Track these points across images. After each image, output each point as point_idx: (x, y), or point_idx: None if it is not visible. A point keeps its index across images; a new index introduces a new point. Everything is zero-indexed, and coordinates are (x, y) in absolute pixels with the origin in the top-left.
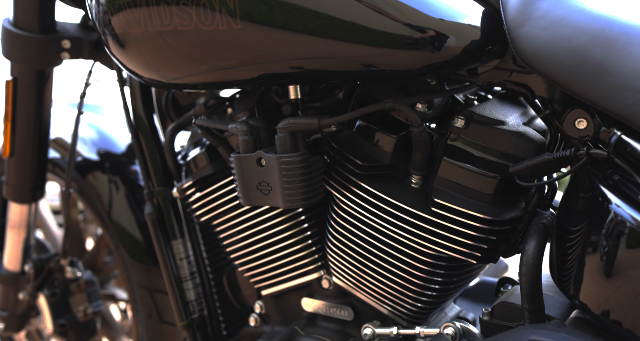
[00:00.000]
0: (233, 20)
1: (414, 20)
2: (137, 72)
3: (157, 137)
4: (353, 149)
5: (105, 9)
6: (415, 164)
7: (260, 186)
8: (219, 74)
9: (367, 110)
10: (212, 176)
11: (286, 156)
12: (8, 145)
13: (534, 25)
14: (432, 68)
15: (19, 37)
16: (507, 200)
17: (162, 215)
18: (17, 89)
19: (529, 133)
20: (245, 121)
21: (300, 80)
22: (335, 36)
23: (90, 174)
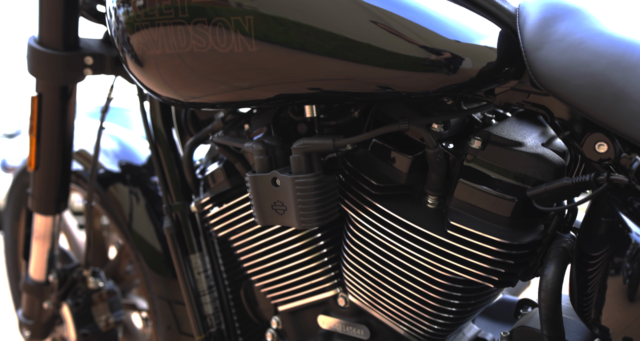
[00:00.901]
0: (248, 42)
1: (430, 42)
2: (155, 91)
3: (176, 151)
4: (368, 168)
5: (124, 27)
6: (431, 184)
7: (275, 206)
8: (236, 93)
9: (382, 131)
10: (229, 191)
11: (301, 177)
12: (33, 159)
13: (551, 48)
14: (448, 90)
15: (44, 55)
16: (525, 223)
17: (181, 229)
18: (42, 104)
19: (548, 155)
20: (260, 140)
21: (316, 100)
22: (350, 58)
23: (111, 186)
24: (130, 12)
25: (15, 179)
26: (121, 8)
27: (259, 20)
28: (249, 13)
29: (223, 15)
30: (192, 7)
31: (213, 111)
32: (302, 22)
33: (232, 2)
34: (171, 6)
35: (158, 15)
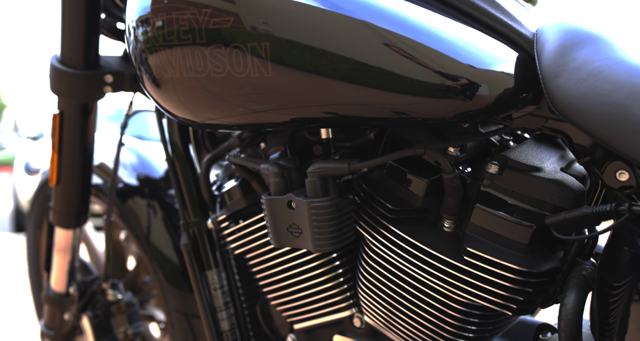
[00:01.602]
0: (264, 67)
1: (445, 68)
2: (171, 111)
3: (193, 167)
4: (384, 191)
5: (142, 47)
6: (448, 208)
7: (291, 229)
8: (252, 116)
9: (398, 155)
10: (245, 209)
11: (316, 201)
12: (55, 174)
13: (570, 76)
14: (464, 116)
15: (66, 74)
16: (544, 250)
17: (198, 245)
18: (64, 122)
19: (567, 181)
20: (276, 162)
21: (332, 124)
22: (366, 83)
23: (130, 199)
24: (149, 33)
25: (37, 190)
26: (140, 28)
27: (275, 46)
28: (265, 39)
29: (240, 41)
30: (209, 33)
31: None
32: (317, 47)
33: (249, 27)
34: (189, 31)
35: (176, 40)
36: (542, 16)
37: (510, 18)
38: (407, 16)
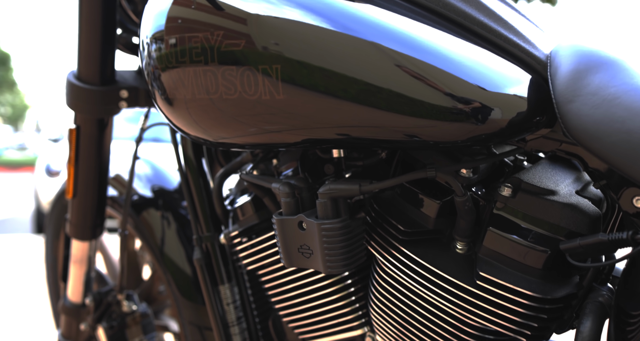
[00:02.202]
0: (275, 90)
1: (456, 90)
2: (184, 129)
3: (206, 182)
4: (395, 212)
5: (155, 64)
6: (460, 231)
7: (302, 249)
8: (265, 136)
9: (408, 178)
10: (258, 225)
11: (327, 223)
12: (71, 187)
13: (584, 101)
14: (477, 140)
15: (82, 90)
16: (558, 275)
17: (210, 260)
18: (80, 136)
19: (583, 205)
20: (287, 182)
21: (343, 146)
22: (377, 105)
23: (145, 211)
24: (162, 51)
25: (55, 199)
26: (153, 45)
27: (286, 68)
28: (276, 61)
29: (251, 63)
30: (221, 54)
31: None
32: (328, 68)
33: (260, 50)
34: (201, 53)
35: (189, 61)
36: (556, 37)
37: (524, 40)
38: (418, 37)
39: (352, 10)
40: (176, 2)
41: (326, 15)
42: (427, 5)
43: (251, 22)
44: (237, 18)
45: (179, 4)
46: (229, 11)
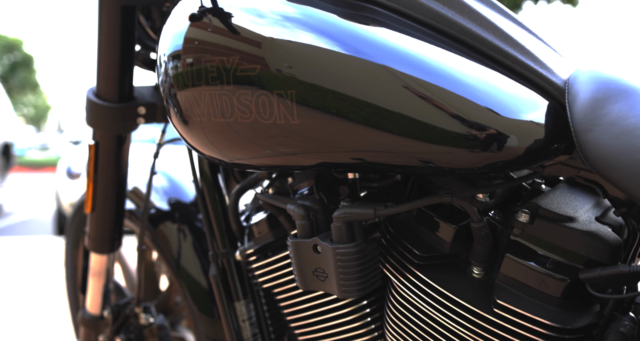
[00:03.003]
0: (290, 114)
1: (471, 117)
2: (198, 149)
3: (222, 197)
4: (411, 235)
5: (172, 83)
6: (477, 256)
7: (317, 272)
8: (280, 159)
9: (424, 203)
10: (273, 243)
11: (342, 247)
12: (90, 201)
13: (603, 131)
14: (493, 167)
15: (101, 108)
16: (578, 303)
17: (226, 276)
18: (99, 152)
19: (602, 233)
20: (302, 203)
21: (358, 169)
22: (391, 129)
23: (161, 224)
24: (179, 72)
25: (75, 210)
26: (170, 63)
27: (301, 94)
28: (291, 86)
29: (266, 88)
30: (236, 79)
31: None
32: (343, 93)
33: (275, 75)
34: (217, 77)
35: (205, 84)
36: (574, 63)
37: (541, 65)
38: (432, 62)
39: (367, 34)
40: (193, 24)
41: (341, 40)
42: (444, 30)
43: (266, 47)
44: (252, 42)
45: (196, 26)
46: (244, 35)
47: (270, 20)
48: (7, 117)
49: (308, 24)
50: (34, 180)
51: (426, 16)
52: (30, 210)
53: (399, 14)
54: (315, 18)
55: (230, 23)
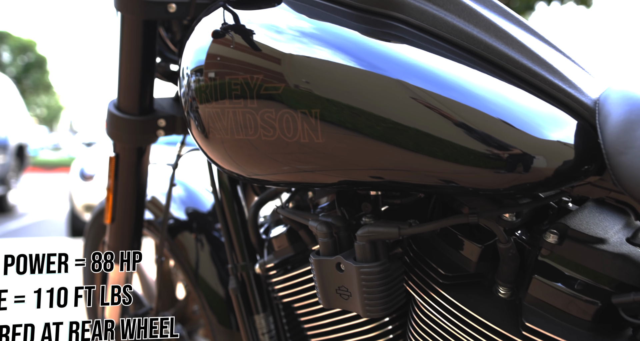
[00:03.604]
0: (314, 133)
1: (497, 136)
2: (218, 163)
3: (241, 209)
4: (435, 254)
5: (194, 97)
6: (503, 276)
7: (340, 291)
8: (301, 176)
9: (449, 223)
10: (293, 257)
11: (366, 266)
12: (110, 213)
13: (637, 154)
14: (520, 189)
15: (121, 120)
16: (609, 327)
17: (246, 289)
18: (119, 164)
19: (635, 256)
20: (325, 220)
21: (381, 188)
22: (415, 149)
23: (179, 234)
24: (202, 88)
25: (93, 218)
26: (193, 78)
27: (325, 113)
28: (315, 105)
29: (290, 107)
30: (260, 98)
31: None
32: (369, 111)
33: (299, 94)
34: (241, 95)
35: (228, 103)
36: (604, 82)
37: (570, 85)
38: (458, 79)
39: (392, 52)
40: (216, 40)
41: (366, 59)
42: (469, 48)
43: (290, 66)
44: (276, 61)
45: (219, 43)
46: (268, 53)
47: (294, 39)
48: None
49: (333, 43)
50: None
51: (450, 33)
52: (43, 211)
53: (423, 32)
54: (340, 37)
55: (253, 41)
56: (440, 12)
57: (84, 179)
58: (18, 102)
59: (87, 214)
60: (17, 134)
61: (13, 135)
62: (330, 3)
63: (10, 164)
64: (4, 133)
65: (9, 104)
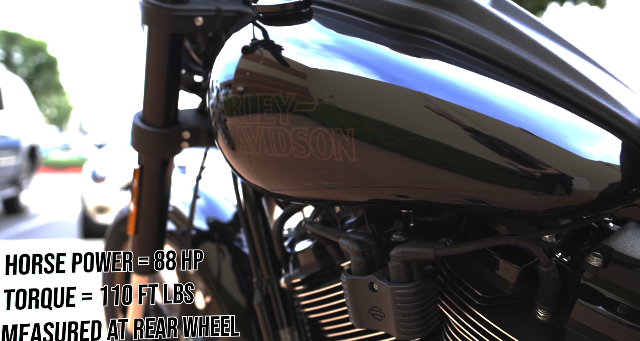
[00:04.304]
0: (348, 152)
1: (537, 156)
2: (244, 176)
3: (266, 221)
4: (470, 274)
5: (223, 108)
6: (543, 299)
7: (373, 311)
8: (329, 193)
9: (487, 244)
10: (320, 272)
11: (401, 288)
12: (133, 224)
13: None
14: (562, 212)
15: (146, 133)
16: None
17: (270, 303)
18: (143, 176)
19: None
20: (357, 239)
21: (413, 208)
22: (452, 168)
23: (201, 244)
24: (232, 104)
25: (114, 226)
26: (223, 90)
27: (360, 132)
28: (350, 124)
29: (324, 126)
30: (293, 116)
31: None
32: (405, 130)
33: (334, 113)
34: (273, 113)
35: (260, 120)
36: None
37: (614, 103)
38: (496, 98)
39: (430, 70)
40: (247, 56)
41: (403, 78)
42: (507, 65)
43: (325, 84)
44: (309, 78)
45: (250, 59)
46: (300, 70)
47: (327, 56)
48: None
49: (367, 61)
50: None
51: (487, 50)
52: (55, 212)
53: (458, 48)
54: (375, 54)
55: (286, 57)
56: (476, 28)
57: (96, 181)
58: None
59: (99, 215)
60: (30, 135)
61: (25, 136)
62: (362, 18)
63: (22, 165)
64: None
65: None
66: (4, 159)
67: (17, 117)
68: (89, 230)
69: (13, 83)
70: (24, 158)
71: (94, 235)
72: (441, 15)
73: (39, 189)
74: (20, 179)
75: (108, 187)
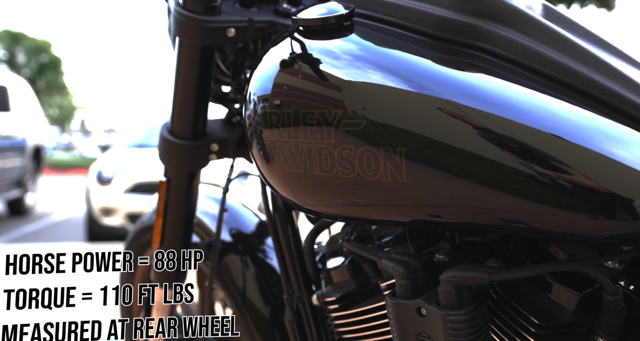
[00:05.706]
0: (398, 173)
1: (598, 176)
2: (276, 188)
3: (297, 234)
4: (524, 300)
5: (259, 120)
6: (606, 328)
7: (421, 336)
8: (372, 212)
9: (547, 269)
10: (354, 290)
11: (453, 314)
12: (159, 237)
13: None
14: (627, 239)
15: (175, 145)
16: None
17: (301, 320)
18: (170, 189)
19: None
20: (402, 260)
21: (459, 229)
22: (505, 189)
23: (225, 256)
24: (272, 120)
25: (133, 236)
26: (261, 104)
27: (411, 152)
28: (401, 144)
29: (372, 145)
30: (339, 134)
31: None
32: (458, 148)
33: (383, 132)
34: (317, 130)
35: (302, 137)
36: None
37: None
38: (555, 115)
39: (483, 86)
40: (287, 71)
41: (455, 96)
42: (565, 81)
43: (373, 102)
44: (356, 96)
45: (291, 73)
46: (346, 87)
47: (372, 72)
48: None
49: (417, 77)
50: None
51: (543, 65)
52: (60, 213)
53: (511, 63)
54: (424, 70)
55: (329, 73)
56: (530, 42)
57: (102, 183)
58: (34, 103)
59: (105, 218)
60: (35, 136)
61: (31, 137)
62: (407, 32)
63: (27, 166)
64: (21, 135)
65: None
66: (10, 160)
67: (22, 118)
68: (95, 232)
69: (17, 84)
70: (29, 159)
71: (99, 237)
72: (492, 28)
73: (44, 190)
74: (26, 181)
75: (114, 189)
